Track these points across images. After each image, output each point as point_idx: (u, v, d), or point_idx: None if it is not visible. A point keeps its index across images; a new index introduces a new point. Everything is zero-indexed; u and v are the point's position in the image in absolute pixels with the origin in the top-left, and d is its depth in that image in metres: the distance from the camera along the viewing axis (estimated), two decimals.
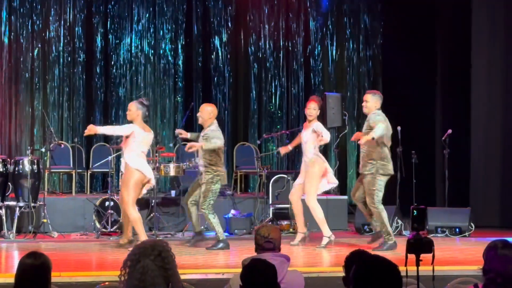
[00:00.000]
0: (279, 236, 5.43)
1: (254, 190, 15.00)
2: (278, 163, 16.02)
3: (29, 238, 11.63)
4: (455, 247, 11.28)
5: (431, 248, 4.98)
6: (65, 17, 15.32)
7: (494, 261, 4.39)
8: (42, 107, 14.98)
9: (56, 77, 15.30)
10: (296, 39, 16.16)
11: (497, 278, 4.35)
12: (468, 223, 12.49)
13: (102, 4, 15.52)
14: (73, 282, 8.06)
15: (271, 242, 5.33)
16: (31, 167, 11.89)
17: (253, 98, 16.07)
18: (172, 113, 15.76)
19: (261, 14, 16.07)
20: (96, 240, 11.73)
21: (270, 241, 5.33)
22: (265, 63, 16.08)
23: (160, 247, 3.97)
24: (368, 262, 3.71)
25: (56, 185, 14.66)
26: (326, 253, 10.40)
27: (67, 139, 14.94)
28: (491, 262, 4.41)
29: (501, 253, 4.38)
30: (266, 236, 5.32)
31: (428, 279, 5.23)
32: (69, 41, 15.36)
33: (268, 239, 5.32)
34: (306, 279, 5.21)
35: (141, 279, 3.84)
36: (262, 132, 15.74)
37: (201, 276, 8.44)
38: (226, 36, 15.97)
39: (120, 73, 15.60)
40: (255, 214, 13.00)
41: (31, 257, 4.36)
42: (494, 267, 4.37)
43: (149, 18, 15.73)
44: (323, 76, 16.19)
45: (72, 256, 9.98)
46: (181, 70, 15.90)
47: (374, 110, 10.67)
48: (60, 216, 12.52)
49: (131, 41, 15.64)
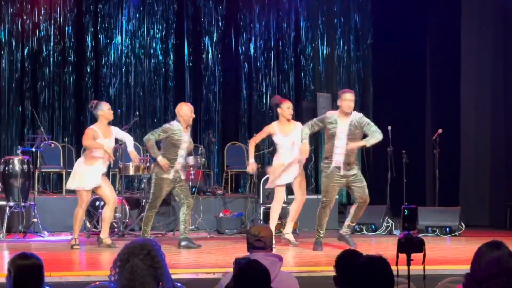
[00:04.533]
0: (270, 235, 5.44)
1: (244, 189, 14.99)
2: (269, 163, 15.99)
3: (19, 237, 11.60)
4: (446, 247, 11.29)
5: (422, 247, 4.99)
6: (55, 16, 15.28)
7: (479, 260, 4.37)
8: (32, 106, 14.94)
9: (46, 76, 15.26)
10: (287, 38, 16.16)
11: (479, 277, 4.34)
12: (459, 222, 12.51)
13: (93, 3, 15.48)
14: (64, 281, 8.04)
15: (262, 241, 5.34)
16: (21, 166, 11.86)
17: (243, 97, 16.06)
18: (163, 112, 15.73)
19: (251, 14, 16.07)
20: (87, 239, 11.70)
21: (261, 239, 5.34)
22: (256, 63, 16.08)
23: (149, 246, 3.97)
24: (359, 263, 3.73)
25: (46, 185, 14.62)
26: (317, 252, 10.39)
27: (58, 139, 14.90)
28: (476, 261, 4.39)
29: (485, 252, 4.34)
30: (257, 234, 5.33)
31: (419, 279, 5.24)
32: (59, 40, 15.32)
33: (259, 238, 5.33)
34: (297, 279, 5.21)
35: (131, 278, 3.84)
36: (253, 131, 15.72)
37: (192, 276, 8.42)
38: (217, 35, 15.96)
39: (111, 72, 15.57)
40: (245, 213, 12.99)
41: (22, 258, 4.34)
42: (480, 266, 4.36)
43: (140, 18, 15.70)
44: (313, 75, 16.19)
45: (63, 255, 9.96)
46: (172, 70, 15.88)
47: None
48: (50, 216, 12.50)
49: (121, 41, 15.61)
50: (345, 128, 10.27)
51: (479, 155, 14.29)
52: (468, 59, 14.31)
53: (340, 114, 10.35)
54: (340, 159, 10.29)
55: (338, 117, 10.33)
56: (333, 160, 10.32)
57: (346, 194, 16.04)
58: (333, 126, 10.31)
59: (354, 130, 10.27)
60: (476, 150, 14.31)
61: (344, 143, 10.24)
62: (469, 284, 4.32)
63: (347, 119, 10.30)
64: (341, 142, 10.27)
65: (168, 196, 13.16)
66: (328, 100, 13.64)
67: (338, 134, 10.28)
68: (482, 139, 14.31)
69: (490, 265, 4.25)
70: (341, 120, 10.31)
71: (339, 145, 10.28)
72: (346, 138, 10.25)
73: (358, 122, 10.30)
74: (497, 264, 4.24)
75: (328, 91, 15.11)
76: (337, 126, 10.29)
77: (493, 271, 4.23)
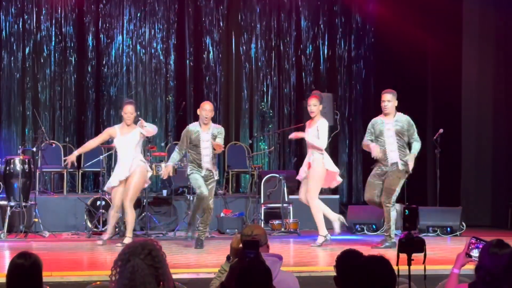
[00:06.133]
0: (263, 232, 5.43)
1: (245, 189, 14.99)
2: (270, 163, 16.02)
3: (20, 237, 11.61)
4: (447, 247, 11.29)
5: (423, 247, 4.99)
6: (56, 16, 15.28)
7: (484, 258, 4.43)
8: (33, 106, 14.94)
9: (47, 76, 15.27)
10: (288, 38, 16.16)
11: (486, 277, 4.38)
12: (460, 222, 12.52)
13: (94, 3, 15.48)
14: (65, 281, 8.05)
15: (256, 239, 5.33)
16: (22, 166, 11.88)
17: (244, 97, 16.06)
18: (164, 112, 15.73)
19: (252, 14, 16.06)
20: (88, 239, 11.71)
21: (255, 237, 5.32)
22: (257, 63, 16.07)
23: (150, 246, 3.97)
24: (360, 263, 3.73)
25: (47, 185, 14.62)
26: (318, 252, 10.39)
27: (59, 139, 14.90)
28: (482, 260, 4.45)
29: (491, 251, 4.42)
30: (250, 234, 5.32)
31: (419, 279, 5.23)
32: (61, 40, 15.32)
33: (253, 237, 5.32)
34: (297, 279, 5.20)
35: (131, 278, 3.84)
36: (254, 131, 15.75)
37: (193, 276, 8.43)
38: (218, 35, 15.95)
39: (112, 72, 15.57)
40: (246, 213, 13.00)
41: (22, 257, 4.35)
42: (484, 264, 4.41)
43: (141, 18, 15.70)
44: (314, 75, 16.18)
45: (63, 255, 9.96)
46: (173, 70, 15.87)
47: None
48: (51, 216, 12.51)
49: (122, 41, 15.61)
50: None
51: (480, 155, 14.29)
52: (469, 57, 14.29)
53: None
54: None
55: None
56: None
57: (347, 193, 16.06)
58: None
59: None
60: (477, 150, 14.30)
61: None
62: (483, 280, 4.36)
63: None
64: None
65: (169, 196, 13.20)
66: (329, 100, 13.63)
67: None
68: (483, 138, 14.30)
69: (504, 260, 4.37)
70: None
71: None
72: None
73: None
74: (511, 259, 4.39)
75: (329, 91, 15.09)
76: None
77: (508, 264, 4.36)
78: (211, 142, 10.67)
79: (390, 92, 10.75)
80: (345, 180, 16.00)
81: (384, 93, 10.74)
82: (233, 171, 14.83)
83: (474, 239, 4.82)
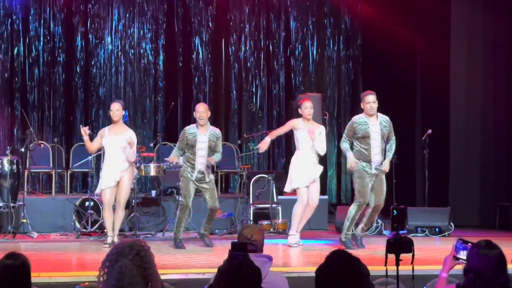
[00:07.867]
0: (262, 238, 5.37)
1: (234, 190, 14.99)
2: (259, 163, 16.02)
3: (8, 238, 11.57)
4: (435, 247, 11.31)
5: (411, 247, 4.99)
6: (44, 16, 15.25)
7: (474, 260, 4.43)
8: (22, 106, 14.90)
9: (36, 76, 15.23)
10: (277, 39, 16.17)
11: (476, 279, 4.37)
12: (448, 222, 12.54)
13: (82, 3, 15.45)
14: (53, 282, 8.02)
15: (253, 244, 5.26)
16: (11, 167, 11.84)
17: (233, 98, 16.06)
18: (153, 112, 15.72)
19: (241, 14, 16.06)
20: (76, 240, 11.68)
21: (252, 243, 5.26)
22: (246, 63, 16.08)
23: (138, 246, 3.95)
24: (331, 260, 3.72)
25: (35, 185, 14.58)
26: (307, 253, 10.39)
27: (47, 139, 14.86)
28: (471, 261, 4.44)
29: (481, 253, 4.42)
30: (249, 238, 5.26)
31: (408, 279, 5.24)
32: (49, 40, 15.29)
33: (250, 241, 5.26)
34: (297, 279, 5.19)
35: (119, 279, 3.83)
36: (243, 132, 15.73)
37: (182, 276, 8.41)
38: (207, 35, 15.95)
39: (100, 72, 15.55)
40: (235, 214, 12.99)
41: (11, 258, 4.34)
42: (474, 265, 4.41)
43: (130, 18, 15.68)
44: (303, 76, 16.20)
45: (52, 256, 9.93)
46: (162, 70, 15.86)
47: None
48: (39, 216, 12.47)
49: (111, 41, 15.58)
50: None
51: (469, 155, 14.32)
52: (458, 58, 14.33)
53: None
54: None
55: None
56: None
57: (335, 194, 16.07)
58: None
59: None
60: (465, 151, 14.34)
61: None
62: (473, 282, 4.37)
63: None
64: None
65: (158, 197, 13.18)
66: (318, 101, 13.63)
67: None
68: (472, 139, 14.34)
69: (494, 261, 4.40)
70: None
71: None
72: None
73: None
74: (501, 259, 4.43)
75: (318, 91, 15.10)
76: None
77: (498, 265, 4.39)
78: (206, 158, 10.74)
79: (374, 93, 10.73)
80: (333, 181, 16.03)
81: (369, 95, 10.65)
82: (222, 171, 14.82)
83: (460, 241, 4.83)
